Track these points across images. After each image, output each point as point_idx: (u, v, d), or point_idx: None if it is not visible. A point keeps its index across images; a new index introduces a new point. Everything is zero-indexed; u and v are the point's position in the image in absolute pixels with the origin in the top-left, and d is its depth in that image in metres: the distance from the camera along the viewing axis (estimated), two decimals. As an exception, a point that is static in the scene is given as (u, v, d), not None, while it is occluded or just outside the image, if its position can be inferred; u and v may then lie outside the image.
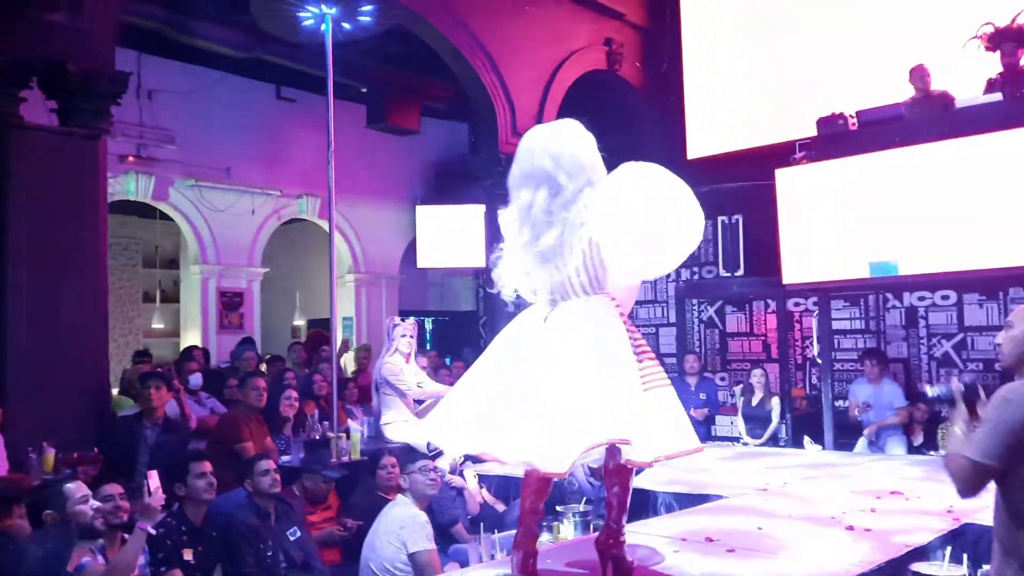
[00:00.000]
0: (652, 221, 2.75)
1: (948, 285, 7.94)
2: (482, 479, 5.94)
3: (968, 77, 7.19)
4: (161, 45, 9.08)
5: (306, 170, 9.89)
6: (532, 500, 2.92)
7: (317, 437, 6.16)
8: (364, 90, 10.23)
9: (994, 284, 7.78)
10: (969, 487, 2.39)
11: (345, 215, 10.38)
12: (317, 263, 11.14)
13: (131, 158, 9.29)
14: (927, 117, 6.88)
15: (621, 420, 2.63)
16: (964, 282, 7.66)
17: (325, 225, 9.19)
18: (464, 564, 4.17)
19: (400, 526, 4.13)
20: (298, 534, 4.65)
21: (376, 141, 10.50)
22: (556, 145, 2.95)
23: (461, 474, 5.84)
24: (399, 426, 6.67)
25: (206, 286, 10.16)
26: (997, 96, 6.56)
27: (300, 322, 12.55)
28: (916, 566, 3.38)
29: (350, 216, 10.59)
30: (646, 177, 2.83)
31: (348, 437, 6.27)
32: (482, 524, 4.60)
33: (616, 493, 2.97)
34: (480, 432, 2.82)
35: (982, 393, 2.51)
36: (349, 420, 7.07)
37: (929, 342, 8.25)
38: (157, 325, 12.12)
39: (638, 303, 10.55)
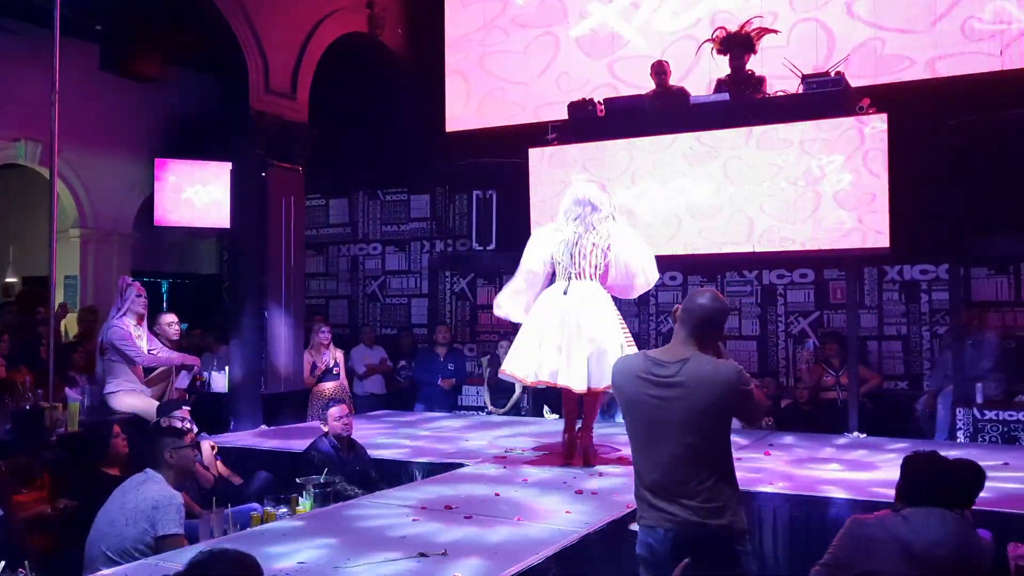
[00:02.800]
0: (636, 273, 5.28)
1: (677, 267, 8.63)
2: (219, 451, 5.65)
3: (704, 76, 7.80)
4: None
5: (26, 111, 8.79)
6: (571, 407, 5.36)
7: (28, 407, 5.56)
8: (99, 28, 9.27)
9: (713, 268, 8.57)
10: None
11: (72, 164, 9.38)
12: (36, 215, 10.00)
13: None
14: (665, 110, 7.38)
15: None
16: (690, 265, 8.37)
17: (46, 173, 8.27)
18: (193, 539, 3.94)
19: (153, 506, 3.79)
20: (-1, 514, 4.16)
21: (112, 86, 9.56)
22: (596, 189, 5.38)
23: (197, 446, 5.51)
24: (125, 395, 6.18)
25: None
26: (725, 96, 7.17)
27: (13, 279, 11.27)
28: (634, 525, 3.63)
29: (78, 166, 9.58)
30: (643, 244, 5.42)
31: (65, 407, 5.72)
32: (214, 498, 4.37)
33: (591, 404, 5.29)
34: (541, 367, 5.10)
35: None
36: (68, 389, 6.45)
37: (658, 319, 8.94)
38: None
39: (391, 273, 10.54)
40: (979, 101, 7.25)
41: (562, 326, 5.05)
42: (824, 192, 6.68)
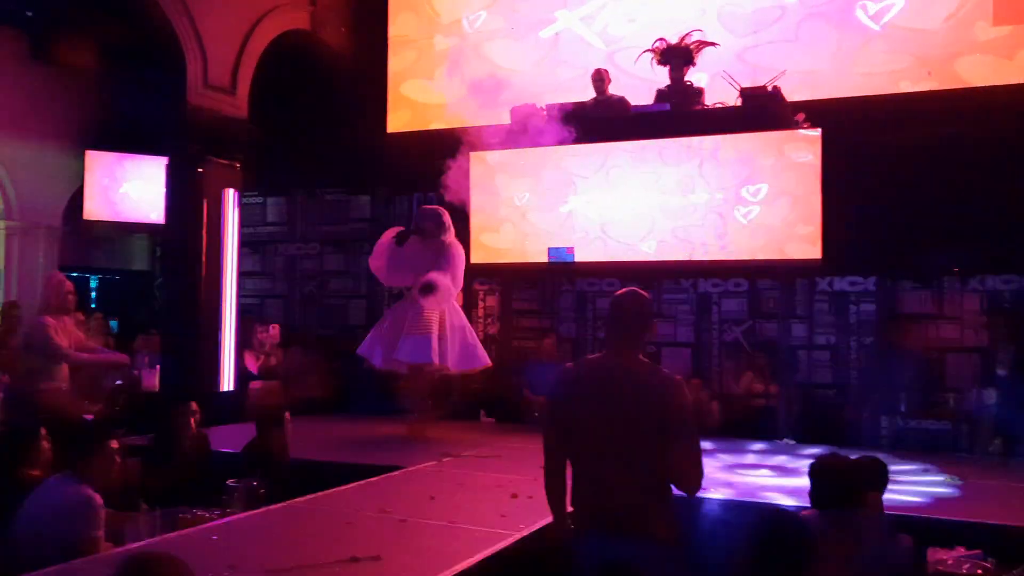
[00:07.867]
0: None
1: (614, 274, 8.72)
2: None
3: (649, 86, 7.88)
4: None
5: (-50, 97, 8.53)
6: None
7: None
8: (30, 15, 8.99)
9: (651, 276, 8.67)
10: None
11: (-1, 154, 9.11)
12: (-41, 206, 9.66)
13: None
14: (606, 118, 7.45)
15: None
16: (629, 273, 8.45)
17: (-29, 163, 7.99)
18: (117, 543, 3.83)
19: (72, 508, 3.65)
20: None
21: (43, 75, 9.29)
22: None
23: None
24: (51, 393, 5.98)
25: None
26: (665, 106, 7.27)
27: (-66, 273, 10.83)
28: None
29: (5, 157, 9.29)
30: None
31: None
32: (143, 499, 4.27)
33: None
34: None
35: None
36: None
37: (594, 324, 9.01)
38: None
39: (330, 273, 10.43)
40: (910, 119, 7.48)
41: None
42: (759, 204, 6.82)
